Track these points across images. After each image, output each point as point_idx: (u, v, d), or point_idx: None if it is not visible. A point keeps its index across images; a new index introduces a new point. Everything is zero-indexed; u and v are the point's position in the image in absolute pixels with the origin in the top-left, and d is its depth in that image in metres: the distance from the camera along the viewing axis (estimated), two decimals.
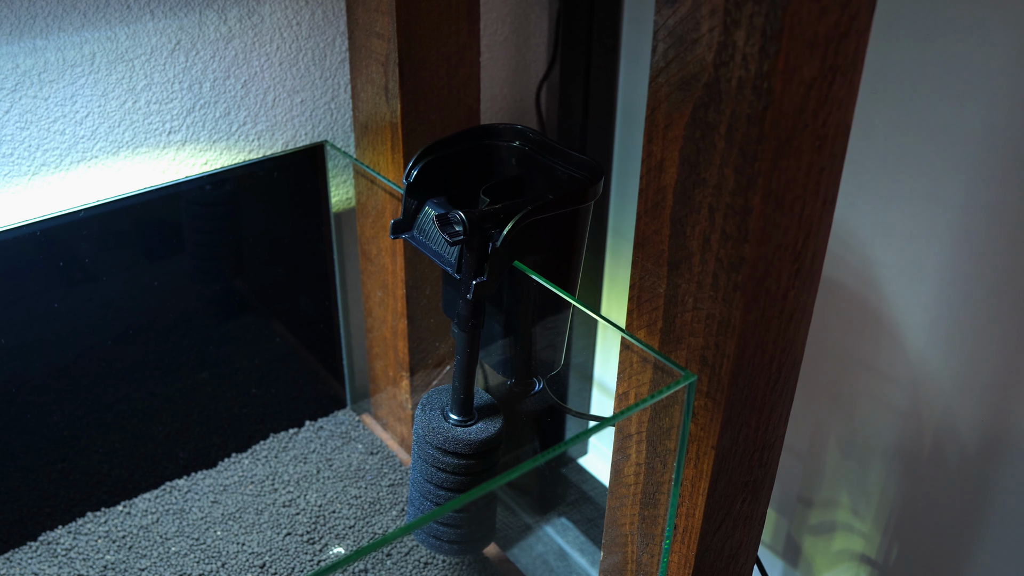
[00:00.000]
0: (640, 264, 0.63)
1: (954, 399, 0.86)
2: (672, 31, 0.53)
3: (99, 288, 0.85)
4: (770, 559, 1.10)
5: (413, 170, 0.72)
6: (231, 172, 0.90)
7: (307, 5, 0.90)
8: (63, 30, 0.79)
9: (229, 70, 0.88)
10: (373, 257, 0.95)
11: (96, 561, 0.85)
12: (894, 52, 0.80)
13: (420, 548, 0.88)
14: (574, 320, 0.78)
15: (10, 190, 0.81)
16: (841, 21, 0.49)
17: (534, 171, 0.74)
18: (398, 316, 0.94)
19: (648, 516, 0.71)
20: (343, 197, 0.99)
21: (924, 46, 0.78)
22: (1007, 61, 0.73)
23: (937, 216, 0.82)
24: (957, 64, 0.77)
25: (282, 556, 0.87)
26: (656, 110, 0.57)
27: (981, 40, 0.75)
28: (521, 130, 0.75)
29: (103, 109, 0.83)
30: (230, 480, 0.95)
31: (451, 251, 0.70)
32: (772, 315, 0.58)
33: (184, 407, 0.94)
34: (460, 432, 0.76)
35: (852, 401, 0.95)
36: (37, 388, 0.85)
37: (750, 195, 0.52)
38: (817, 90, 0.50)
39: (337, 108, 0.96)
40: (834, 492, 1.00)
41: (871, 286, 0.89)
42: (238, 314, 0.96)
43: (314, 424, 1.03)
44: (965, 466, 0.87)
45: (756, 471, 0.67)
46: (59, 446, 0.87)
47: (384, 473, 0.97)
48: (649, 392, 0.66)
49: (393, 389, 1.01)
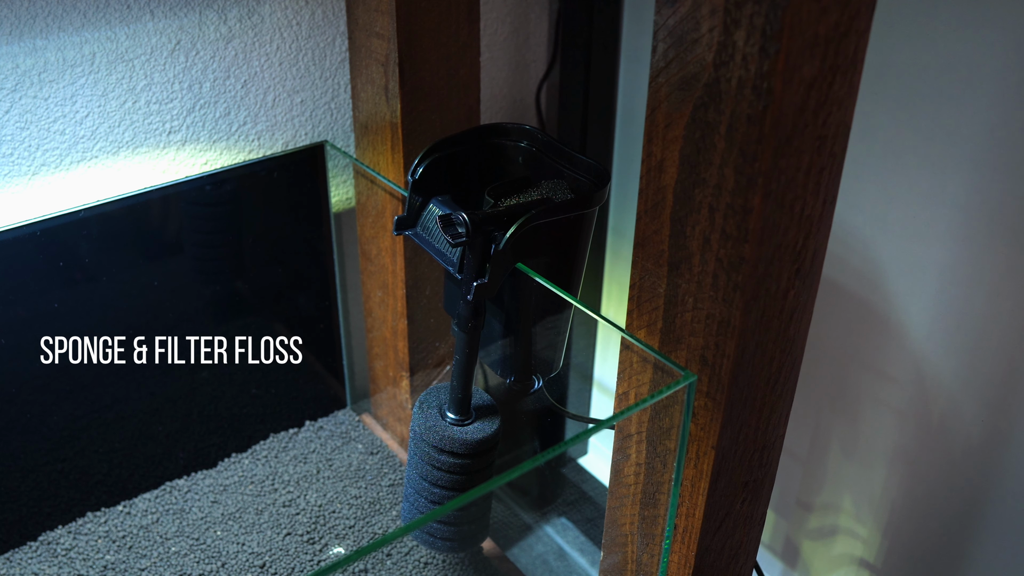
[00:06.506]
0: (640, 264, 0.63)
1: (954, 399, 0.86)
2: (672, 31, 0.53)
3: (99, 288, 0.85)
4: (769, 560, 1.10)
5: (419, 167, 0.72)
6: (231, 172, 0.90)
7: (307, 5, 0.90)
8: (63, 30, 0.79)
9: (229, 70, 0.88)
10: (373, 257, 0.95)
11: (96, 561, 0.85)
12: (894, 52, 0.80)
13: (420, 548, 0.88)
14: (574, 320, 0.78)
15: (10, 190, 0.81)
16: (841, 21, 0.49)
17: (540, 172, 0.74)
18: (398, 316, 0.94)
19: (648, 516, 0.71)
20: (343, 197, 0.99)
21: (924, 46, 0.78)
22: (1007, 61, 0.73)
23: (937, 216, 0.82)
24: (957, 64, 0.77)
25: (282, 556, 0.87)
26: (656, 110, 0.57)
27: (981, 40, 0.75)
28: (529, 130, 0.75)
29: (103, 109, 0.83)
30: (230, 480, 0.95)
31: (453, 251, 0.70)
32: (772, 315, 0.58)
33: (184, 407, 0.94)
34: (457, 431, 0.76)
35: (852, 401, 0.95)
36: (37, 388, 0.85)
37: (750, 195, 0.52)
38: (817, 90, 0.50)
39: (337, 108, 0.96)
40: (833, 492, 1.00)
41: (871, 286, 0.89)
42: (238, 314, 0.96)
43: (314, 424, 1.03)
44: (965, 466, 0.87)
45: (756, 471, 0.67)
46: (59, 446, 0.87)
47: (384, 473, 0.97)
48: (649, 392, 0.66)
49: (393, 389, 1.01)
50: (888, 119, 0.83)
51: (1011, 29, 0.72)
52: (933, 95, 0.79)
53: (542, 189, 0.72)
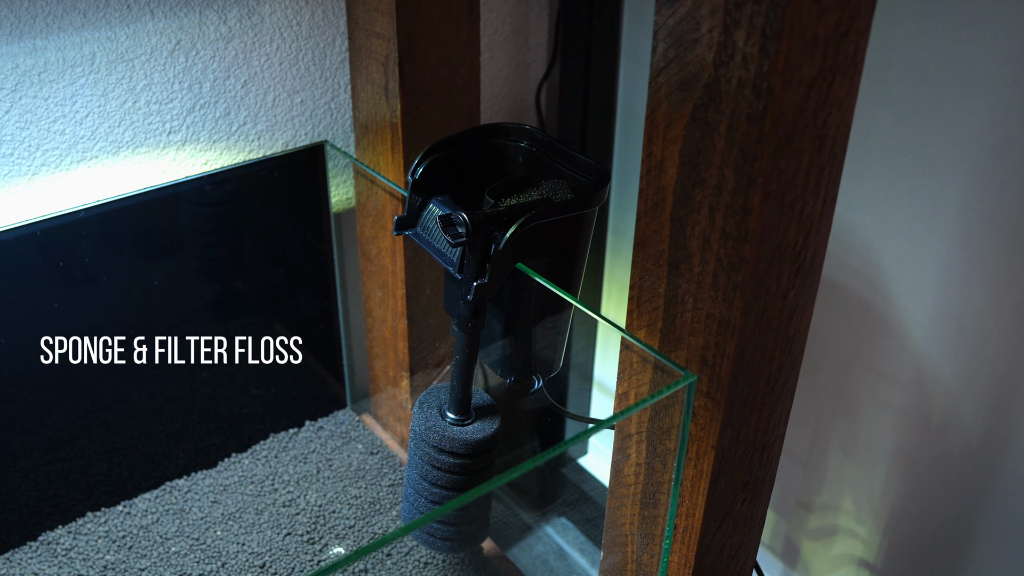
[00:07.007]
0: (640, 264, 0.63)
1: (955, 399, 0.86)
2: (672, 31, 0.53)
3: (99, 288, 0.85)
4: (769, 560, 1.10)
5: (419, 167, 0.72)
6: (231, 172, 0.90)
7: (307, 5, 0.90)
8: (63, 30, 0.79)
9: (229, 70, 0.88)
10: (373, 257, 0.95)
11: (96, 561, 0.85)
12: (894, 52, 0.80)
13: (420, 548, 0.88)
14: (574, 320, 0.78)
15: (10, 190, 0.81)
16: (841, 21, 0.49)
17: (540, 173, 0.74)
18: (398, 316, 0.94)
19: (648, 516, 0.71)
20: (343, 197, 0.99)
21: (924, 46, 0.78)
22: (1007, 61, 0.73)
23: (937, 216, 0.82)
24: (957, 64, 0.77)
25: (282, 556, 0.87)
26: (656, 110, 0.57)
27: (981, 40, 0.75)
28: (529, 130, 0.75)
29: (103, 109, 0.83)
30: (230, 480, 0.95)
31: (453, 251, 0.70)
32: (772, 315, 0.58)
33: (184, 407, 0.94)
34: (457, 431, 0.76)
35: (852, 401, 0.95)
36: (37, 388, 0.85)
37: (750, 195, 0.52)
38: (817, 90, 0.50)
39: (337, 108, 0.96)
40: (833, 492, 1.00)
41: (871, 286, 0.89)
42: (238, 314, 0.96)
43: (314, 424, 1.03)
44: (965, 466, 0.87)
45: (756, 471, 0.67)
46: (59, 446, 0.87)
47: (384, 473, 0.97)
48: (649, 392, 0.66)
49: (393, 389, 1.01)
50: (888, 119, 0.83)
51: (1011, 29, 0.72)
52: (933, 95, 0.79)
53: (542, 189, 0.72)
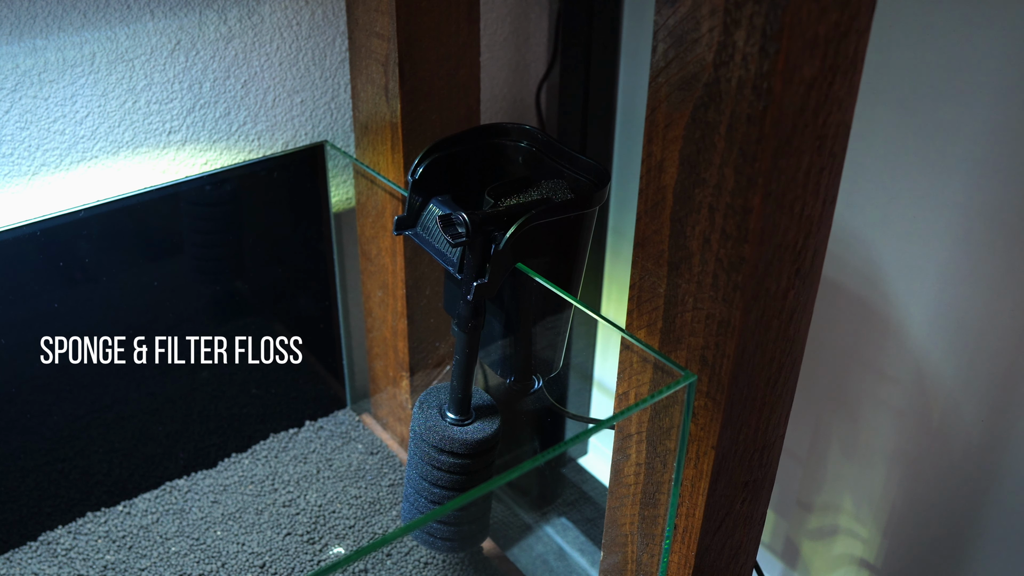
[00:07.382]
0: (640, 264, 0.63)
1: (955, 399, 0.86)
2: (672, 31, 0.53)
3: (99, 288, 0.85)
4: (769, 560, 1.10)
5: (419, 167, 0.72)
6: (231, 172, 0.90)
7: (307, 5, 0.90)
8: (63, 30, 0.79)
9: (229, 70, 0.88)
10: (373, 257, 0.95)
11: (96, 561, 0.85)
12: (894, 52, 0.80)
13: (420, 548, 0.88)
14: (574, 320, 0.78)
15: (10, 190, 0.81)
16: (841, 21, 0.49)
17: (540, 172, 0.74)
18: (398, 316, 0.94)
19: (648, 516, 0.71)
20: (343, 197, 0.99)
21: (924, 46, 0.78)
22: (1007, 61, 0.73)
23: (937, 216, 0.82)
24: (957, 64, 0.77)
25: (282, 556, 0.87)
26: (656, 110, 0.57)
27: (981, 40, 0.75)
28: (529, 130, 0.75)
29: (103, 109, 0.83)
30: (230, 480, 0.95)
31: (453, 251, 0.70)
32: (772, 315, 0.58)
33: (184, 407, 0.94)
34: (457, 431, 0.76)
35: (852, 401, 0.95)
36: (37, 388, 0.85)
37: (750, 195, 0.52)
38: (817, 90, 0.50)
39: (337, 108, 0.96)
40: (833, 492, 1.00)
41: (871, 286, 0.89)
42: (238, 314, 0.96)
43: (314, 424, 1.03)
44: (965, 467, 0.87)
45: (756, 471, 0.67)
46: (59, 446, 0.87)
47: (384, 473, 0.97)
48: (649, 392, 0.66)
49: (393, 389, 1.01)
50: (888, 119, 0.83)
51: (1011, 29, 0.72)
52: (933, 95, 0.79)
53: (542, 189, 0.72)
